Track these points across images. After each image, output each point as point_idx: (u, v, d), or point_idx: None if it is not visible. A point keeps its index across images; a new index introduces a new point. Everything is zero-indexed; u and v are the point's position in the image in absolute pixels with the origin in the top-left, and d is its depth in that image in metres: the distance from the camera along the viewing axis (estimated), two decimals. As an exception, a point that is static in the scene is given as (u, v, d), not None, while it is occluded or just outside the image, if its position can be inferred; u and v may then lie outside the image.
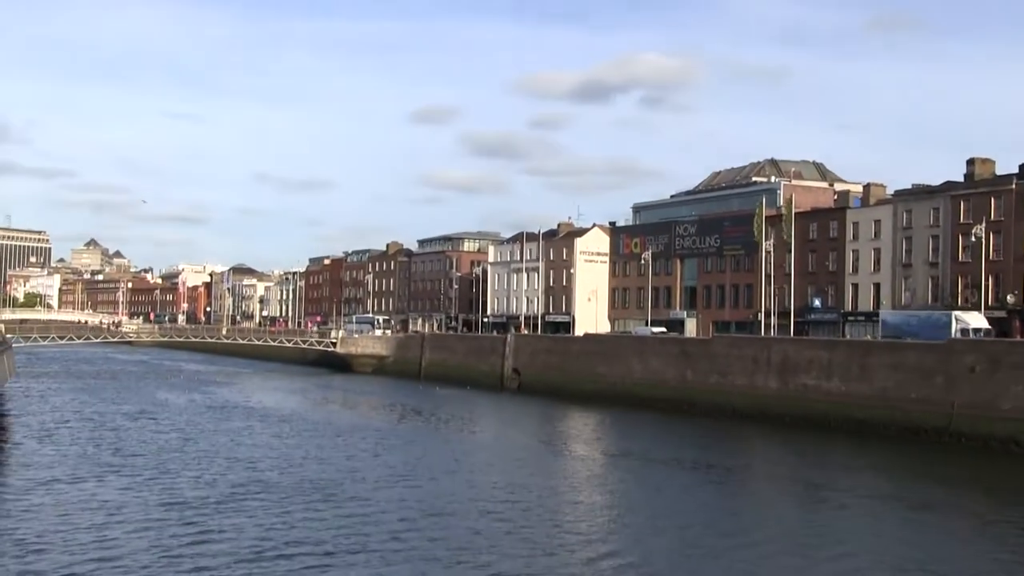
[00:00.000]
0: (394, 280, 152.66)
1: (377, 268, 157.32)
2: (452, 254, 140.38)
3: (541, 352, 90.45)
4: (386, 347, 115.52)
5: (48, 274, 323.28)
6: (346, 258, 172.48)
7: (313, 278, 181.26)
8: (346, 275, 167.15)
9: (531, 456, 48.15)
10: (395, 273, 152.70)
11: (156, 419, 59.42)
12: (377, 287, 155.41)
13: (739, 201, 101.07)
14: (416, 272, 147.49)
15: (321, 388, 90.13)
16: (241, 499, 34.46)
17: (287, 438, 51.84)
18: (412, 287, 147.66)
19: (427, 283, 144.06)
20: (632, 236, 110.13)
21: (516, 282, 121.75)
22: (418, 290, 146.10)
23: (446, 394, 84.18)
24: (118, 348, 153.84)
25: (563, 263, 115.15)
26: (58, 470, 39.63)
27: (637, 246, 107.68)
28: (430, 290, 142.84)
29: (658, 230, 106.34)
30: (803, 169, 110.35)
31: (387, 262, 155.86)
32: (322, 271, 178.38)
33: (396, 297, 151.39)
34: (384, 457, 45.42)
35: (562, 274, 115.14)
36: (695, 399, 70.15)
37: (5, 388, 62.68)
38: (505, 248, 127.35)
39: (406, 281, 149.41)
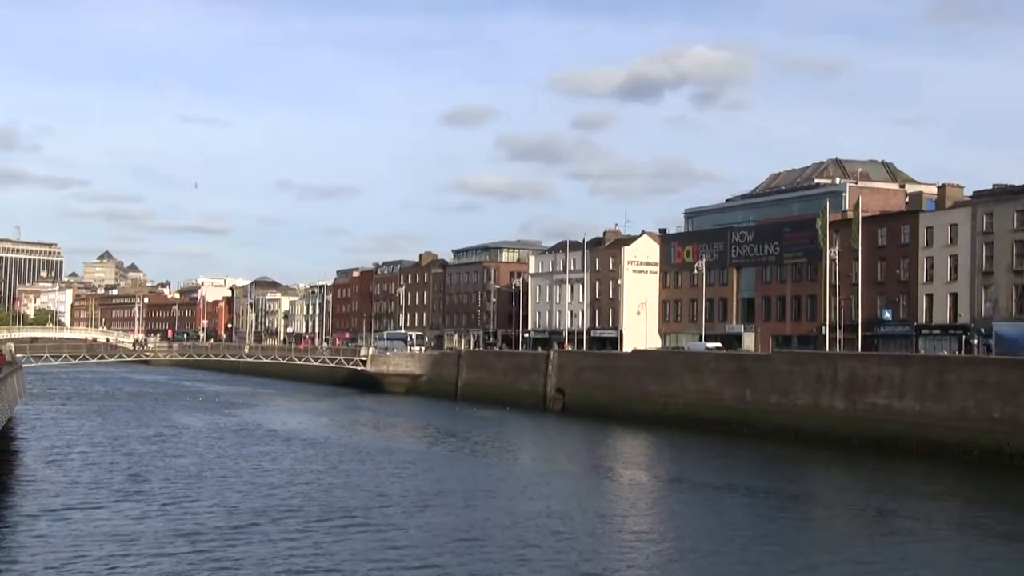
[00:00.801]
0: (427, 293, 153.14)
1: (409, 280, 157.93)
2: (490, 265, 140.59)
3: (586, 370, 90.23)
4: (419, 365, 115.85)
5: (59, 289, 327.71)
6: (376, 270, 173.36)
7: (341, 291, 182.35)
8: (376, 288, 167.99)
9: (576, 482, 47.99)
10: (428, 286, 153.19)
11: (173, 443, 59.95)
12: (409, 301, 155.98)
13: (800, 205, 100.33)
14: (451, 284, 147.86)
15: (350, 409, 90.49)
16: (263, 527, 34.62)
17: (313, 463, 52.10)
18: (447, 300, 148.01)
19: (463, 296, 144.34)
20: (684, 244, 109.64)
21: (559, 294, 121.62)
22: (453, 304, 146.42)
23: (484, 416, 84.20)
24: (134, 368, 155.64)
25: (609, 274, 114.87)
26: (69, 497, 40.07)
27: (689, 255, 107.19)
28: (466, 304, 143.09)
29: (712, 237, 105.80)
30: (870, 169, 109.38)
31: (420, 274, 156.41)
32: (350, 284, 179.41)
33: (430, 311, 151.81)
34: (416, 482, 45.47)
35: (608, 286, 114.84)
36: (754, 420, 69.64)
37: (15, 411, 63.43)
38: (547, 258, 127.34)
39: (440, 294, 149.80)
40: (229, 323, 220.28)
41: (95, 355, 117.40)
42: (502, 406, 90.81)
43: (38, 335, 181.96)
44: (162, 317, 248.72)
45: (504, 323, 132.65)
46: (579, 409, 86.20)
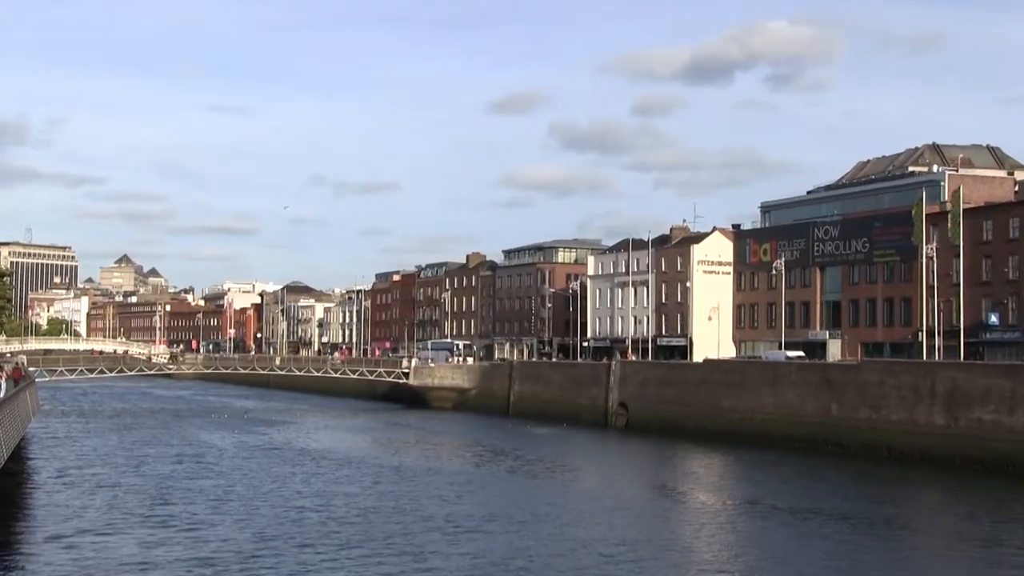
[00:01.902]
0: (476, 298, 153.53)
1: (455, 284, 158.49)
2: (544, 266, 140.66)
3: (652, 382, 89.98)
4: (467, 378, 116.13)
5: (74, 296, 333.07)
6: (419, 273, 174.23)
7: (380, 297, 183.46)
8: (419, 293, 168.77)
9: (641, 506, 47.79)
10: (477, 290, 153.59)
11: (196, 463, 60.55)
12: (456, 307, 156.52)
13: (892, 196, 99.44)
14: (502, 288, 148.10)
15: (391, 427, 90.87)
16: (291, 555, 34.79)
17: (348, 484, 52.33)
18: (497, 306, 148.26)
19: (515, 301, 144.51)
20: (761, 241, 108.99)
21: (621, 299, 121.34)
22: (504, 310, 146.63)
23: (539, 433, 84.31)
24: (155, 382, 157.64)
25: (677, 275, 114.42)
26: (82, 522, 40.55)
27: (767, 253, 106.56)
28: (518, 309, 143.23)
29: (792, 233, 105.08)
30: (973, 155, 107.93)
31: (467, 277, 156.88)
32: (391, 289, 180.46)
33: (478, 318, 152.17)
34: (462, 506, 45.49)
35: (676, 288, 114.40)
36: (841, 438, 69.04)
37: (27, 430, 64.45)
38: (607, 258, 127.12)
39: (490, 299, 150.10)
40: (258, 332, 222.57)
41: (113, 368, 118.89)
42: (559, 422, 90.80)
43: (52, 347, 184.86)
44: (185, 326, 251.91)
45: (560, 331, 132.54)
46: (644, 425, 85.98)
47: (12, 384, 57.80)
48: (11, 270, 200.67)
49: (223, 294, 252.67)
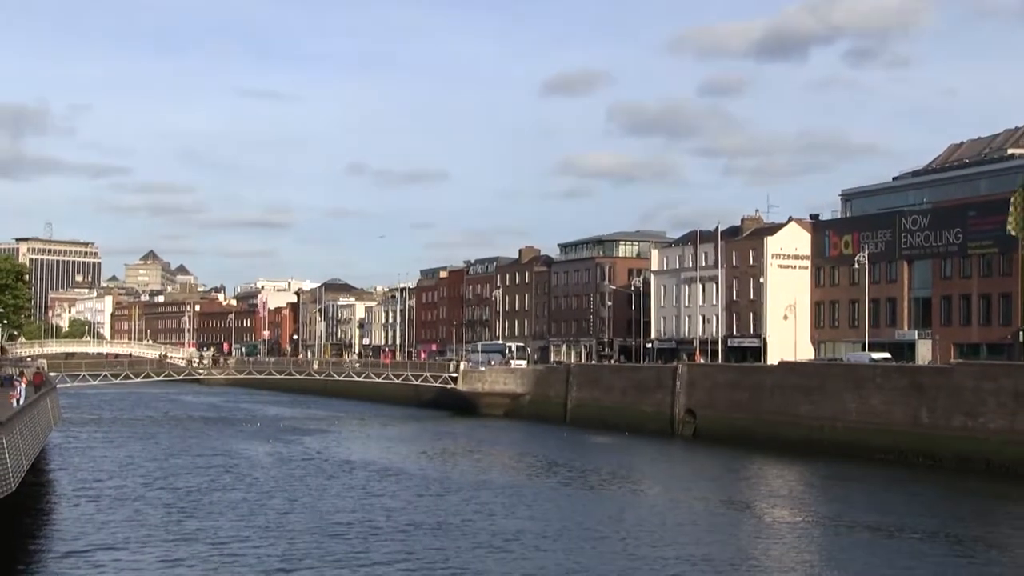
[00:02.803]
0: (530, 296, 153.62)
1: (508, 281, 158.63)
2: (604, 261, 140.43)
3: (723, 387, 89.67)
4: (521, 382, 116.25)
5: (97, 296, 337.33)
6: (467, 269, 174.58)
7: (426, 295, 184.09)
8: (468, 291, 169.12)
9: (709, 521, 47.65)
10: (531, 287, 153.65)
11: (225, 475, 61.09)
12: (508, 306, 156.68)
13: (989, 183, 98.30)
14: (558, 285, 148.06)
15: (437, 436, 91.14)
16: (328, 572, 35.06)
17: (389, 497, 52.59)
18: (553, 305, 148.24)
19: (572, 299, 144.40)
20: (841, 232, 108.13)
21: (688, 296, 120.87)
22: (560, 308, 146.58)
23: (599, 442, 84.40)
24: (184, 388, 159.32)
25: (750, 270, 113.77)
26: (104, 537, 41.08)
27: (848, 245, 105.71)
28: (576, 308, 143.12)
29: (877, 224, 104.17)
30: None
31: (520, 273, 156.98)
32: (437, 286, 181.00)
33: (533, 318, 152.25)
34: (513, 521, 45.58)
35: (748, 284, 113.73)
36: (932, 448, 68.40)
37: (48, 440, 65.36)
38: (672, 252, 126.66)
39: (545, 297, 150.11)
40: (294, 334, 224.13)
41: (139, 373, 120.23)
42: (620, 431, 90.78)
43: (74, 350, 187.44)
44: (216, 328, 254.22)
45: (622, 331, 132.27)
46: (714, 434, 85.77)
47: (32, 390, 58.75)
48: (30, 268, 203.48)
49: (256, 293, 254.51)
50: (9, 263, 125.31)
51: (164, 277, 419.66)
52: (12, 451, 37.72)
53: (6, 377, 68.27)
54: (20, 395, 51.57)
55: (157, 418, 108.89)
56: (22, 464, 40.43)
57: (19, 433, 41.59)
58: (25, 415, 46.87)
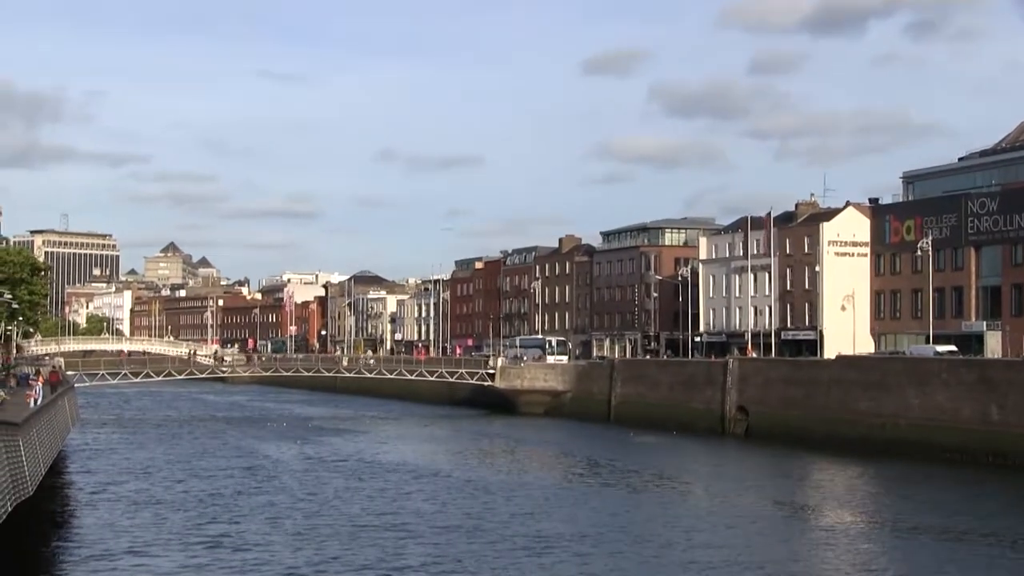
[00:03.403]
0: (570, 288, 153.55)
1: (547, 272, 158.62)
2: (649, 250, 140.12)
3: (776, 383, 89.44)
4: (562, 379, 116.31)
5: (116, 291, 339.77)
6: (504, 260, 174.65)
7: (461, 288, 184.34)
8: (505, 283, 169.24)
9: (762, 525, 47.64)
10: (571, 278, 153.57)
11: (251, 478, 61.56)
12: (547, 298, 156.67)
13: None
14: (600, 276, 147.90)
15: (473, 435, 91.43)
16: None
17: (423, 500, 52.89)
18: (595, 296, 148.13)
19: (615, 291, 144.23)
20: (903, 217, 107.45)
21: (738, 286, 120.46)
22: (603, 300, 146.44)
23: (645, 442, 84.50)
24: (207, 386, 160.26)
25: (804, 258, 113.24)
26: (125, 541, 41.57)
27: (911, 231, 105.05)
28: (620, 300, 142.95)
29: (941, 207, 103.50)
30: None
31: (560, 263, 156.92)
32: (472, 278, 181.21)
33: (573, 311, 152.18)
34: (553, 523, 45.81)
35: (803, 273, 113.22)
36: (1003, 447, 67.98)
37: (66, 442, 65.96)
38: (722, 240, 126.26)
39: (586, 289, 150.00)
40: (323, 329, 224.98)
41: (160, 372, 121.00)
42: (667, 430, 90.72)
43: (92, 347, 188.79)
44: (240, 323, 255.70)
45: (669, 324, 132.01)
46: (767, 433, 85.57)
47: (49, 390, 59.38)
48: (46, 262, 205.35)
49: (282, 286, 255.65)
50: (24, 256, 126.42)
51: (185, 270, 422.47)
52: (29, 453, 38.16)
53: (22, 376, 69.09)
54: (37, 395, 52.10)
55: (179, 418, 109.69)
56: (40, 467, 40.90)
57: (36, 435, 42.08)
58: (42, 416, 47.42)
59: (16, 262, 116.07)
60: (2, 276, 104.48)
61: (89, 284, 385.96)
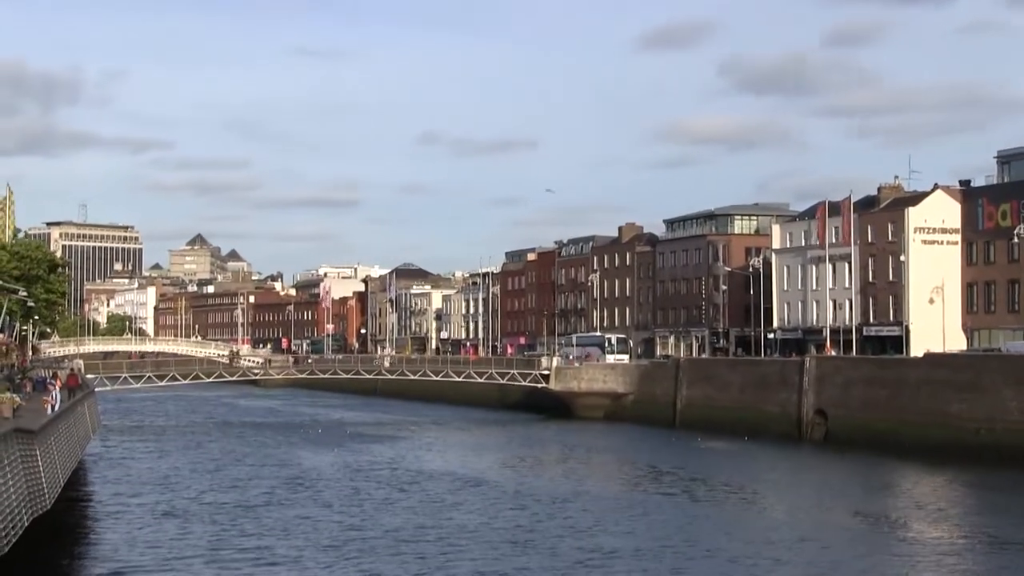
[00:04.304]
0: (631, 281, 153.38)
1: (606, 264, 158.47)
2: (717, 239, 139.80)
3: (858, 383, 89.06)
4: (623, 380, 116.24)
5: (139, 287, 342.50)
6: (559, 251, 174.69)
7: (512, 281, 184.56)
8: (560, 276, 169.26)
9: (845, 540, 47.52)
10: (632, 270, 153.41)
11: (284, 488, 61.95)
12: (606, 292, 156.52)
13: None
14: (664, 268, 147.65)
15: (526, 442, 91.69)
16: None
17: (470, 512, 53.13)
18: (658, 290, 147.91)
19: (680, 283, 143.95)
20: (998, 201, 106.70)
21: (815, 278, 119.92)
22: (667, 294, 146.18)
23: (713, 448, 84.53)
24: (238, 390, 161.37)
25: (888, 246, 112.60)
26: (149, 557, 42.10)
27: (1006, 216, 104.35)
28: (685, 294, 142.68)
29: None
30: None
31: (620, 254, 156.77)
32: (525, 271, 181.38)
33: (635, 306, 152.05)
34: (611, 538, 45.96)
35: (887, 264, 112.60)
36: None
37: (86, 451, 66.52)
38: (797, 227, 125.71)
39: (649, 282, 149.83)
40: (362, 327, 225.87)
41: (187, 374, 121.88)
42: (738, 435, 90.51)
43: (113, 349, 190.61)
44: (273, 321, 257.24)
45: (739, 320, 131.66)
46: (848, 438, 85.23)
47: (67, 395, 59.90)
48: (64, 257, 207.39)
49: (318, 281, 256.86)
50: (41, 251, 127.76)
51: (213, 264, 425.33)
52: (47, 464, 38.53)
53: (39, 380, 69.70)
54: (55, 400, 52.56)
55: (207, 424, 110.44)
56: (58, 478, 41.28)
57: (54, 443, 42.46)
58: (61, 423, 47.81)
59: (32, 257, 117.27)
60: (17, 272, 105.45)
61: (110, 280, 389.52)
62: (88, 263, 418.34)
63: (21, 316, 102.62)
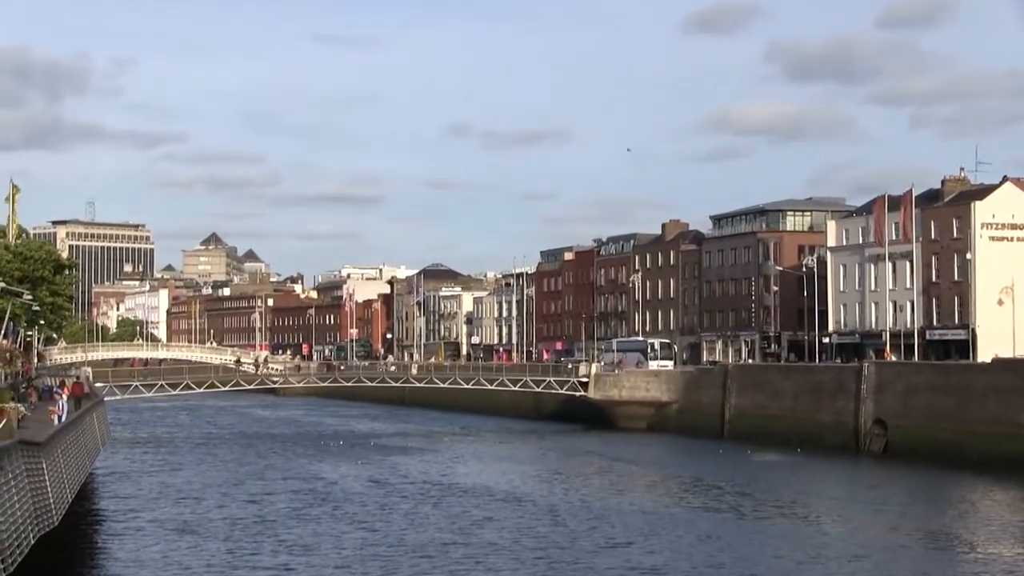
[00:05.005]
0: (675, 281, 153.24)
1: (648, 263, 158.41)
2: (767, 236, 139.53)
3: (921, 391, 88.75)
4: (667, 388, 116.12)
5: (151, 289, 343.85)
6: (598, 249, 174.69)
7: (548, 283, 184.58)
8: (599, 276, 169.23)
9: (908, 562, 47.43)
10: (677, 270, 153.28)
11: (303, 504, 62.17)
12: (649, 293, 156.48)
13: None
14: (710, 268, 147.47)
15: (564, 454, 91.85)
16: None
17: (507, 528, 53.19)
18: (705, 291, 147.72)
19: (728, 284, 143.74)
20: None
21: (874, 277, 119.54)
22: (714, 296, 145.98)
23: (765, 461, 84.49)
24: (255, 399, 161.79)
25: (953, 243, 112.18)
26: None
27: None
28: (734, 295, 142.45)
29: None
30: None
31: (663, 253, 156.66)
32: (561, 271, 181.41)
33: (679, 308, 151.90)
34: (653, 557, 46.01)
35: (952, 262, 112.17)
36: None
37: (95, 466, 66.80)
38: (854, 224, 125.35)
39: (694, 282, 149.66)
40: (388, 332, 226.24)
41: (202, 383, 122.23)
42: (791, 446, 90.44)
43: (124, 355, 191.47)
44: (292, 326, 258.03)
45: (792, 323, 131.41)
46: (910, 450, 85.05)
47: (74, 405, 60.18)
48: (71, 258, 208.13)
49: (341, 283, 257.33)
50: (46, 251, 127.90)
51: (229, 265, 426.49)
52: (54, 478, 38.72)
53: (45, 389, 70.03)
54: (62, 411, 52.80)
55: (223, 436, 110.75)
56: (66, 493, 41.50)
57: (61, 456, 42.69)
58: (68, 434, 48.06)
59: (37, 258, 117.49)
60: (20, 274, 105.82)
61: (119, 282, 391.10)
62: (96, 264, 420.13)
63: (26, 321, 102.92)
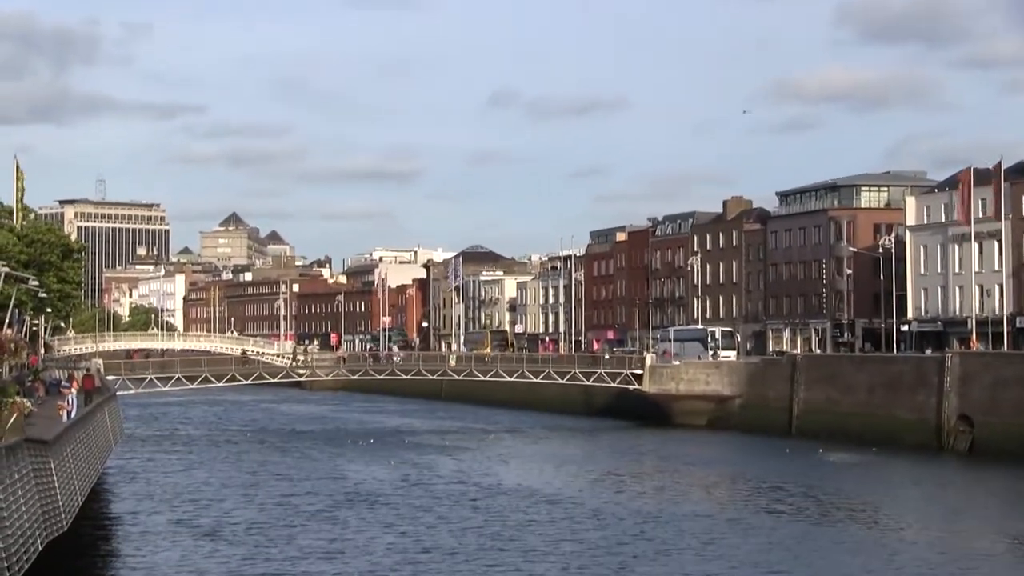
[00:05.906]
0: (738, 264, 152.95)
1: (708, 245, 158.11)
2: (840, 214, 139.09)
3: (1011, 384, 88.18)
4: (729, 381, 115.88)
5: (166, 274, 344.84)
6: (653, 229, 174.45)
7: (598, 266, 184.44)
8: (654, 259, 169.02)
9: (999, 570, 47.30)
10: (740, 252, 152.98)
11: (331, 506, 62.41)
12: (709, 277, 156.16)
13: None
14: (777, 249, 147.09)
15: (616, 453, 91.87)
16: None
17: (554, 533, 53.33)
18: (771, 275, 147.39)
19: (797, 267, 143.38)
20: None
21: (958, 259, 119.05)
22: (781, 280, 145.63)
23: (837, 460, 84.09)
24: (280, 393, 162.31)
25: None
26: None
27: None
28: (802, 279, 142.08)
29: None
30: None
31: (725, 234, 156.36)
32: (613, 253, 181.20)
33: (743, 293, 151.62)
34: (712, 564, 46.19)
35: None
36: None
37: (107, 465, 67.06)
38: (936, 200, 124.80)
39: (759, 265, 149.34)
40: (423, 320, 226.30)
41: (222, 375, 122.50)
42: (866, 445, 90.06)
43: (137, 345, 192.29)
44: (320, 313, 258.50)
45: (867, 310, 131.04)
46: (999, 448, 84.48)
47: (84, 399, 60.45)
48: (80, 240, 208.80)
49: (373, 267, 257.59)
50: (54, 234, 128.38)
51: (251, 248, 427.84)
52: (63, 479, 38.94)
53: (53, 382, 70.43)
54: (71, 406, 53.05)
55: (244, 433, 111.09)
56: (76, 495, 41.76)
57: (71, 455, 42.92)
58: (78, 432, 48.31)
59: (43, 241, 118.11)
60: (25, 258, 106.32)
61: (132, 267, 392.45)
62: (107, 247, 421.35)
63: (32, 309, 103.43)
